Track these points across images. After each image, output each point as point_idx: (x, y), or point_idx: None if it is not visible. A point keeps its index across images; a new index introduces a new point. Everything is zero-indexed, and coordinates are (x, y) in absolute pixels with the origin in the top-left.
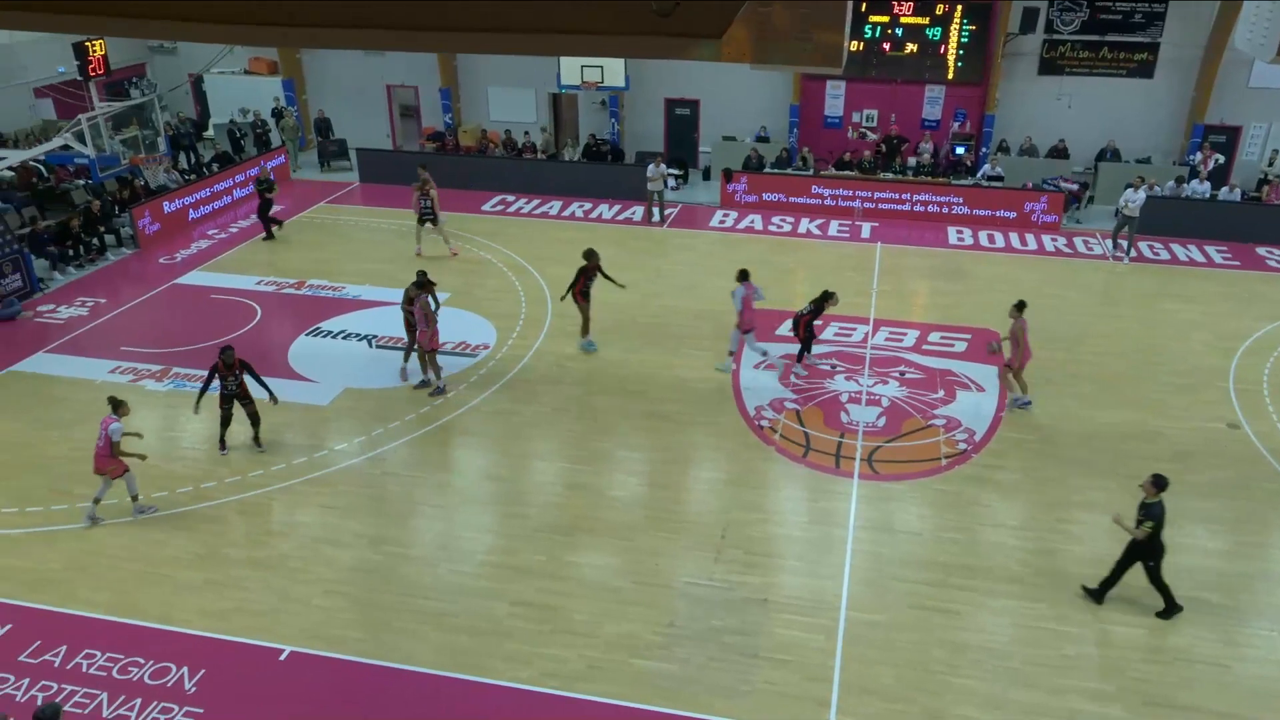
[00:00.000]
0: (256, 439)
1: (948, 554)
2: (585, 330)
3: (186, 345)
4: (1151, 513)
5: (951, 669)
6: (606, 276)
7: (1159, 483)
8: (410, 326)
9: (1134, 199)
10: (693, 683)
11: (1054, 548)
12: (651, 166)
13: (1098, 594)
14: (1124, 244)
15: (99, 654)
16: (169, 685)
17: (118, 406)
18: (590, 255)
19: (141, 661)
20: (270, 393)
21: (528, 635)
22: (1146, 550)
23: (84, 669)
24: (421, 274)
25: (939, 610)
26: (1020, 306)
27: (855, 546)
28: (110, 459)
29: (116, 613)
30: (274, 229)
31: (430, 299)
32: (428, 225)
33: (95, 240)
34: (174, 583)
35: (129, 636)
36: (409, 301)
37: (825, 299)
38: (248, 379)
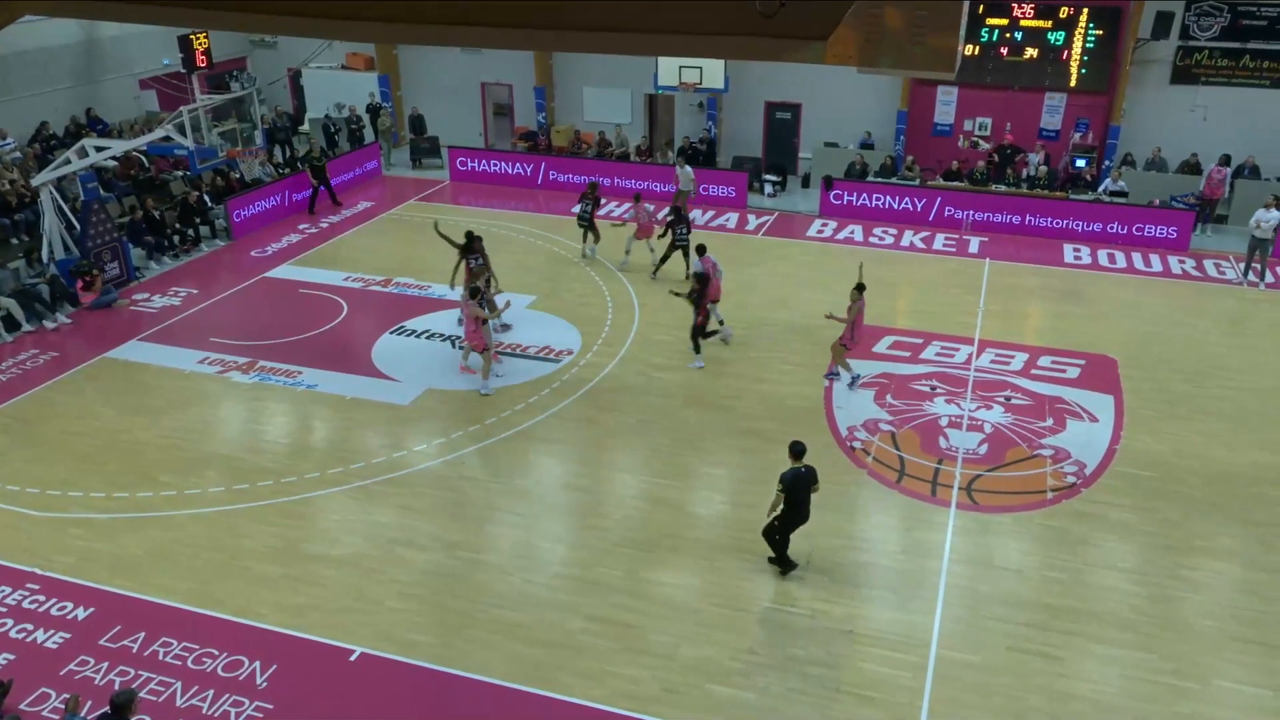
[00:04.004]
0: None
1: (1051, 594)
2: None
3: (273, 339)
4: (782, 478)
5: (1051, 719)
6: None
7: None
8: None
9: (1266, 219)
10: (771, 713)
11: (1172, 595)
12: (678, 169)
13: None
14: (1258, 268)
15: (175, 643)
16: (241, 679)
17: None
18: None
19: (216, 653)
20: None
21: (602, 652)
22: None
23: (160, 656)
24: (474, 289)
25: (1039, 654)
26: (860, 289)
27: (950, 580)
28: None
29: (195, 602)
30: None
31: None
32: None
33: (191, 231)
34: (252, 575)
35: (206, 627)
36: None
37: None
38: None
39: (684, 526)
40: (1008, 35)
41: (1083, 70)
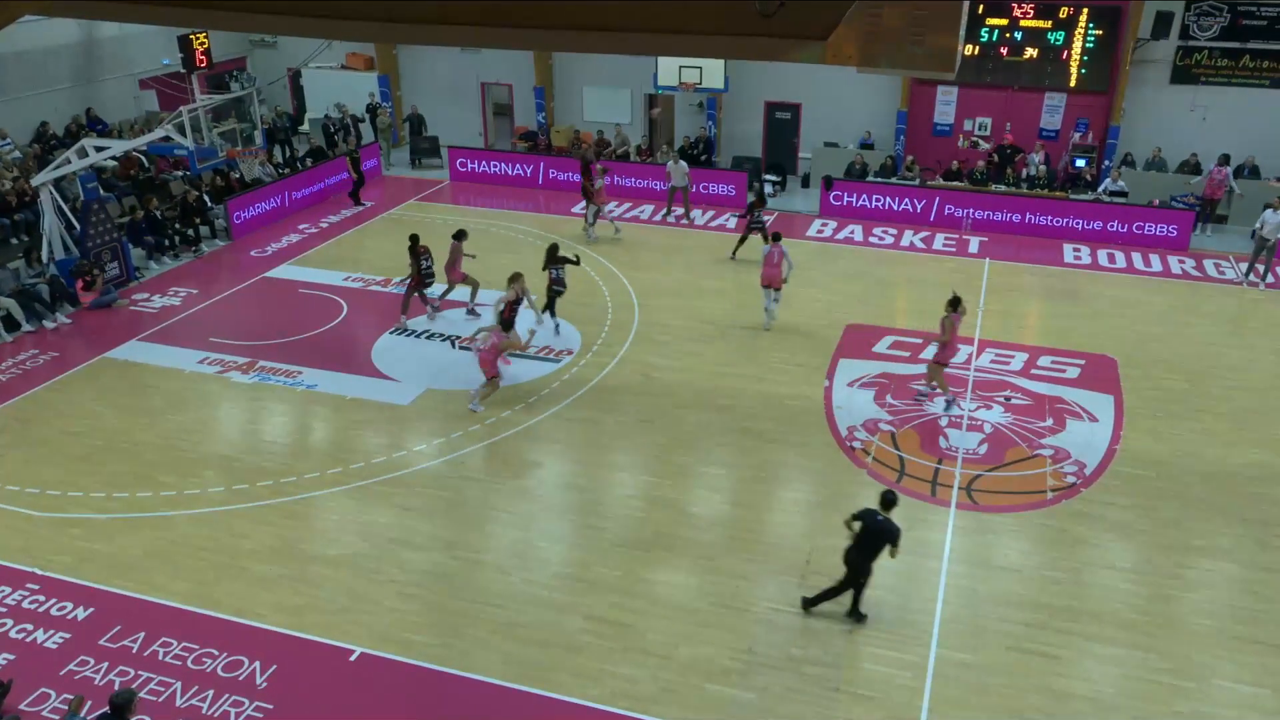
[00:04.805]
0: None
1: (1050, 594)
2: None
3: (273, 339)
4: (863, 515)
5: (1050, 716)
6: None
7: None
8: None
9: (1272, 220)
10: (769, 713)
11: (1171, 594)
12: (670, 164)
13: (811, 602)
14: (1260, 269)
15: (175, 643)
16: (241, 679)
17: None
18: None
19: (215, 653)
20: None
21: (599, 652)
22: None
23: (160, 657)
24: (507, 321)
25: (1038, 654)
26: (954, 303)
27: (949, 580)
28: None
29: (194, 603)
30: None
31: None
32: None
33: (190, 231)
34: (251, 576)
35: (205, 627)
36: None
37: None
38: None
39: (682, 526)
40: (1007, 35)
41: (1082, 70)
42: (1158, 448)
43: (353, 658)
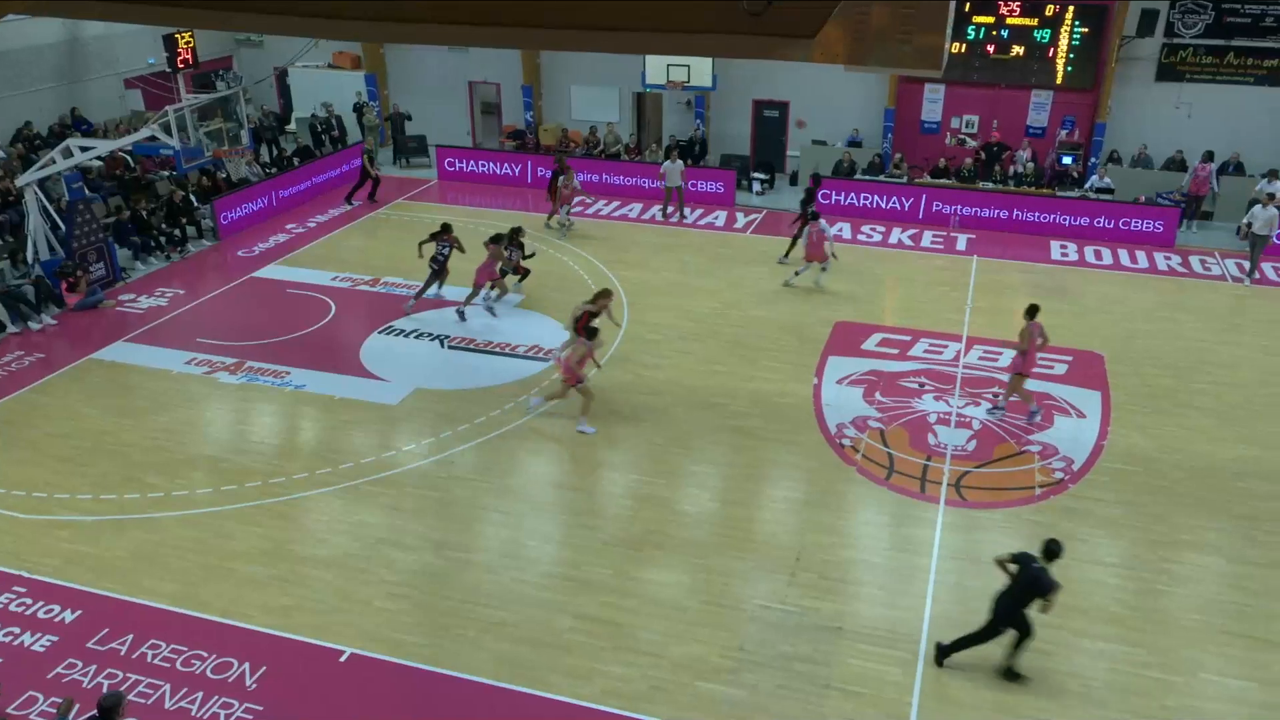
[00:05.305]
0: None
1: None
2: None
3: (261, 339)
4: (1021, 558)
5: (1041, 712)
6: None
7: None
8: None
9: (1262, 216)
10: (760, 710)
11: (1158, 589)
12: (668, 163)
13: (946, 651)
14: (1246, 265)
15: (164, 645)
16: (230, 680)
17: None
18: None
19: (205, 655)
20: None
21: (590, 651)
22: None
23: (149, 659)
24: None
25: (1029, 649)
26: (1032, 311)
27: (939, 577)
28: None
29: (182, 604)
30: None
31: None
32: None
33: (177, 231)
34: (239, 577)
35: (193, 629)
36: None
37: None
38: None
39: (673, 525)
40: (994, 33)
41: (1069, 68)
42: (1145, 443)
43: (343, 658)
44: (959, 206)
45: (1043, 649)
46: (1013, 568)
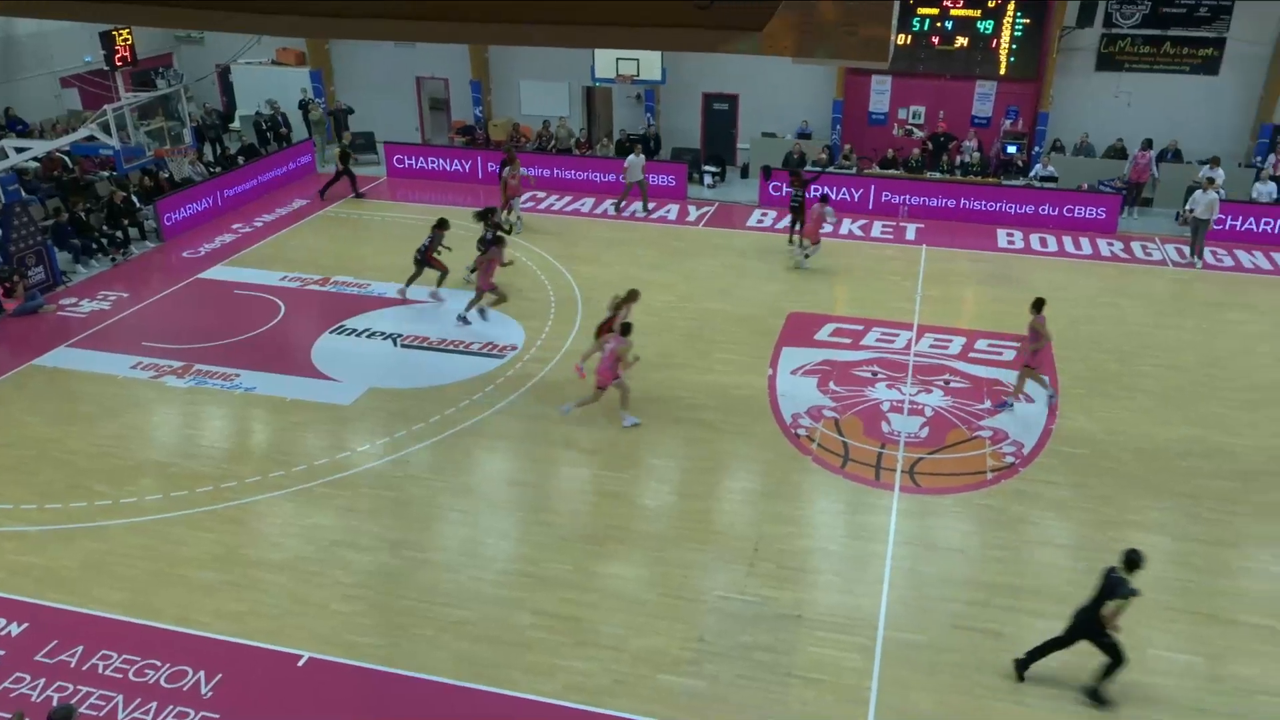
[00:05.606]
0: None
1: (993, 573)
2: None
3: (209, 341)
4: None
5: (996, 693)
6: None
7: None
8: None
9: (1203, 200)
10: (721, 701)
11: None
12: (632, 156)
13: (1024, 662)
14: (1187, 249)
15: (115, 655)
16: (185, 689)
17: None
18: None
19: (158, 664)
20: None
21: (551, 647)
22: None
23: (100, 670)
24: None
25: (983, 631)
26: (1038, 305)
27: (895, 563)
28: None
29: (133, 613)
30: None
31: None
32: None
33: (119, 233)
34: (191, 584)
35: (146, 638)
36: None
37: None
38: None
39: (631, 518)
40: (939, 24)
41: (1012, 58)
42: (1092, 426)
43: (300, 663)
44: (908, 196)
45: (995, 630)
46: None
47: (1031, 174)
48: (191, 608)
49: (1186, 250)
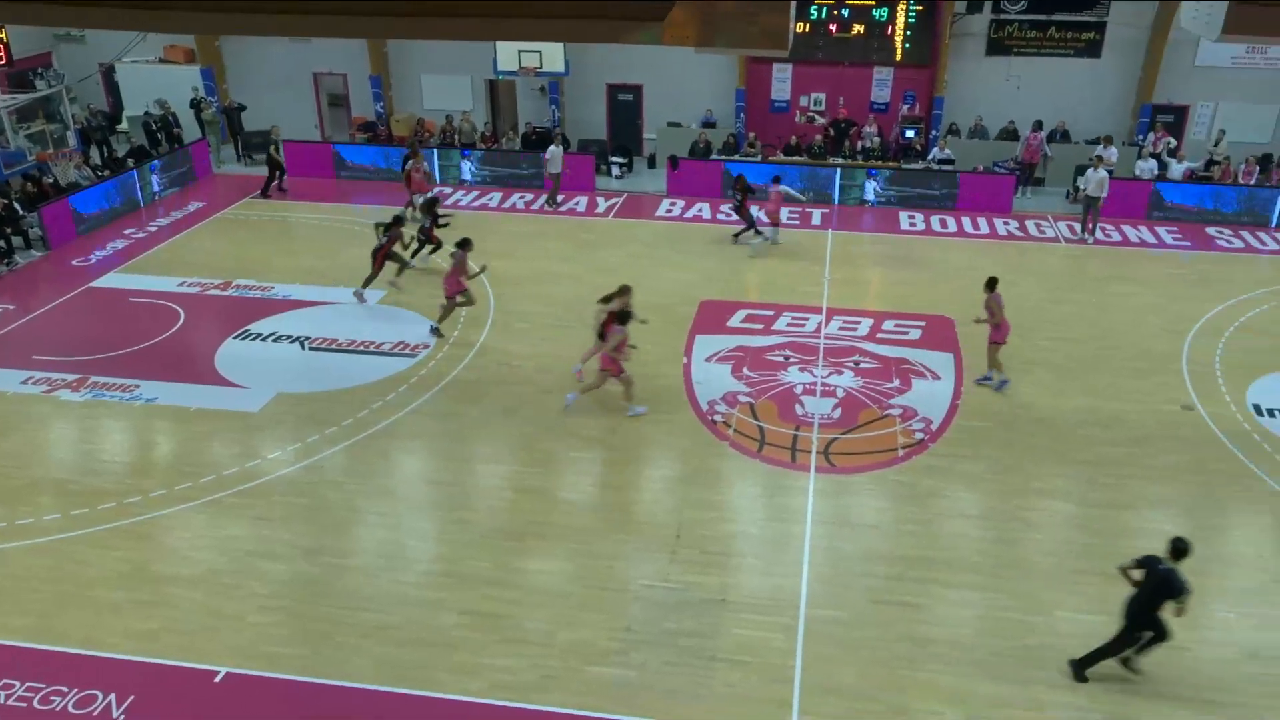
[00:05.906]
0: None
1: (907, 546)
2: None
3: (104, 353)
4: (1147, 562)
5: (914, 664)
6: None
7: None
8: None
9: (1094, 178)
10: (650, 688)
11: (1014, 537)
12: (553, 148)
13: (1082, 664)
14: (1091, 225)
15: (18, 684)
16: (95, 714)
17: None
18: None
19: (65, 690)
20: None
21: (476, 645)
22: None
23: (1, 701)
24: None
25: (900, 604)
26: (991, 284)
27: (813, 542)
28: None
29: (37, 639)
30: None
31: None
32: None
33: (2, 243)
34: (98, 604)
35: (51, 663)
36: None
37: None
38: None
39: (552, 512)
40: (835, 12)
41: (906, 45)
42: (995, 401)
43: (217, 678)
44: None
45: (911, 602)
46: (1137, 574)
47: (929, 158)
48: (99, 629)
49: (1078, 227)
